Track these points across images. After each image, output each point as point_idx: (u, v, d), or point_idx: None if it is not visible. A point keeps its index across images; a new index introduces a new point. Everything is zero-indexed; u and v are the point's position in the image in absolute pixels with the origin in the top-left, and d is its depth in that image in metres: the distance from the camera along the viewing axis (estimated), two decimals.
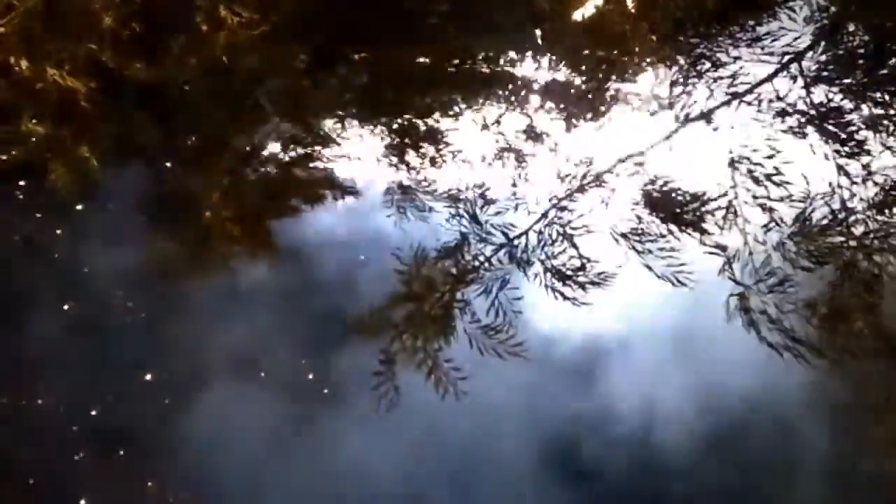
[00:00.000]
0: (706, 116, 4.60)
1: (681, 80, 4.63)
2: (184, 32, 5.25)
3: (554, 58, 5.10)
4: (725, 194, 4.57)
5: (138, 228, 5.67)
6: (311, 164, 5.45)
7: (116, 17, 4.63)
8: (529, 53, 5.29)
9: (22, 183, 7.25)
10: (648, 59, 4.67)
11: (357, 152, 5.47)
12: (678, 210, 4.70)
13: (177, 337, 7.73)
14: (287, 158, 5.41)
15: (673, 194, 4.73)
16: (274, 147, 5.45)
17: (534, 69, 5.32)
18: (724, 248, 4.54)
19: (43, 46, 4.31)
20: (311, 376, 7.95)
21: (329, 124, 5.46)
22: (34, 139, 4.57)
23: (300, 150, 5.47)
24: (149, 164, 5.52)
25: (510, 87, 5.32)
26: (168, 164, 5.64)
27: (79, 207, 7.33)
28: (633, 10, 4.82)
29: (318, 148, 5.46)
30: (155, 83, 5.12)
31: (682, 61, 4.62)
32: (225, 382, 7.94)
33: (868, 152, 4.44)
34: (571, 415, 7.62)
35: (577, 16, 5.12)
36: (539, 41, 5.26)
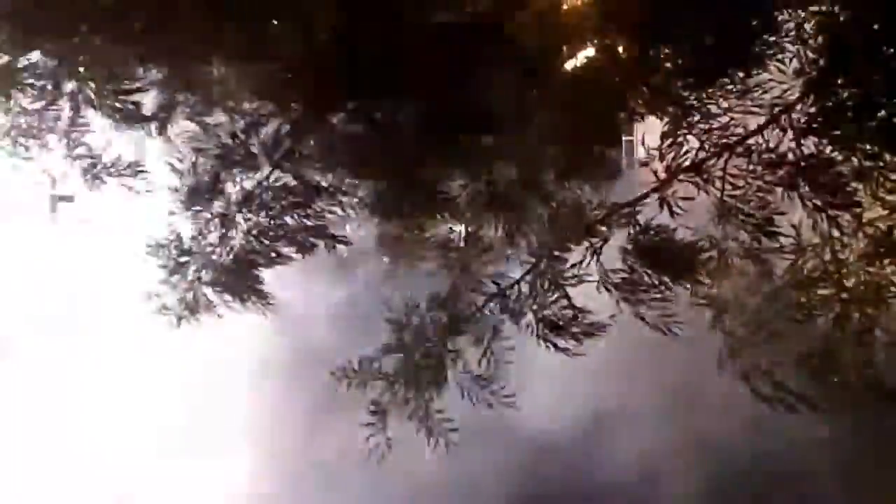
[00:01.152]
0: (697, 167, 4.62)
1: (672, 130, 4.66)
2: None
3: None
4: (717, 245, 4.59)
5: None
6: (303, 213, 5.44)
7: None
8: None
9: None
10: (640, 111, 4.69)
11: (348, 201, 5.47)
12: (670, 260, 4.71)
13: None
14: (279, 206, 5.40)
15: (664, 245, 4.75)
16: (266, 195, 5.44)
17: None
18: (715, 300, 4.55)
19: None
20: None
21: (320, 173, 5.47)
22: None
23: (291, 199, 5.47)
24: None
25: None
26: None
27: None
28: (624, 62, 4.85)
29: (309, 196, 5.46)
30: None
31: (673, 112, 4.65)
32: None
33: (859, 203, 4.46)
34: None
35: (568, 67, 5.15)
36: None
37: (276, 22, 5.17)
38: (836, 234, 4.47)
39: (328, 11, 5.01)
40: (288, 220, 5.45)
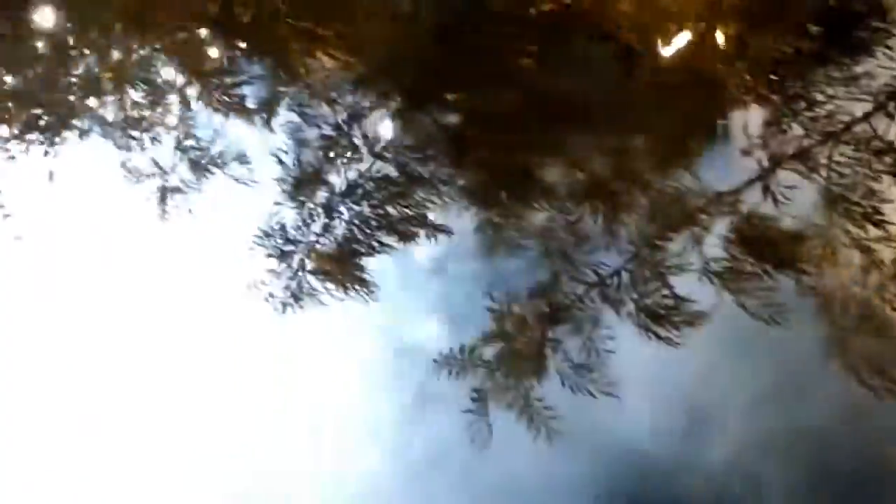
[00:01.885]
0: (802, 155, 4.57)
1: (775, 118, 4.61)
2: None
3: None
4: (822, 234, 4.54)
5: None
6: (404, 203, 5.52)
7: None
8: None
9: None
10: (742, 98, 4.65)
11: (448, 191, 5.53)
12: (773, 249, 4.67)
13: None
14: (381, 196, 5.49)
15: (768, 233, 4.71)
16: (368, 185, 5.54)
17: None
18: (821, 289, 4.50)
19: None
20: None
21: (421, 163, 5.54)
22: None
23: (392, 189, 5.55)
24: None
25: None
26: None
27: None
28: (724, 48, 4.81)
29: (410, 186, 5.53)
30: None
31: (776, 100, 4.60)
32: None
33: None
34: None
35: (667, 53, 5.11)
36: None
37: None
38: None
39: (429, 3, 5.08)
40: (389, 209, 5.52)
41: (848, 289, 4.52)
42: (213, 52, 5.35)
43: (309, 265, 5.58)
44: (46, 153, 5.11)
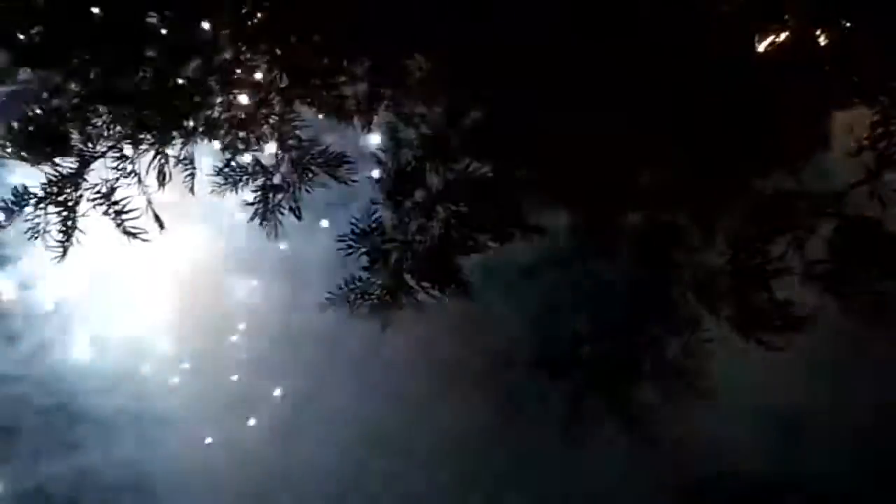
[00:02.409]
0: None
1: (883, 120, 4.52)
2: None
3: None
4: None
5: None
6: (500, 203, 5.53)
7: None
8: None
9: None
10: (849, 99, 4.57)
11: (540, 192, 5.53)
12: (879, 253, 4.58)
13: None
14: (477, 196, 5.51)
15: (873, 236, 4.62)
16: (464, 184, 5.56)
17: None
18: None
19: None
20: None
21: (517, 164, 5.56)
22: None
23: (488, 189, 5.57)
24: None
25: None
26: None
27: None
28: (832, 50, 4.73)
29: (505, 186, 5.55)
30: None
31: (884, 100, 4.51)
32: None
33: None
34: None
35: (772, 54, 5.04)
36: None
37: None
38: None
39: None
40: (485, 209, 5.54)
41: None
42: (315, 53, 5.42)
43: (406, 264, 5.63)
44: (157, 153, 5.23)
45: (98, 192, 5.16)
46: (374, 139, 5.69)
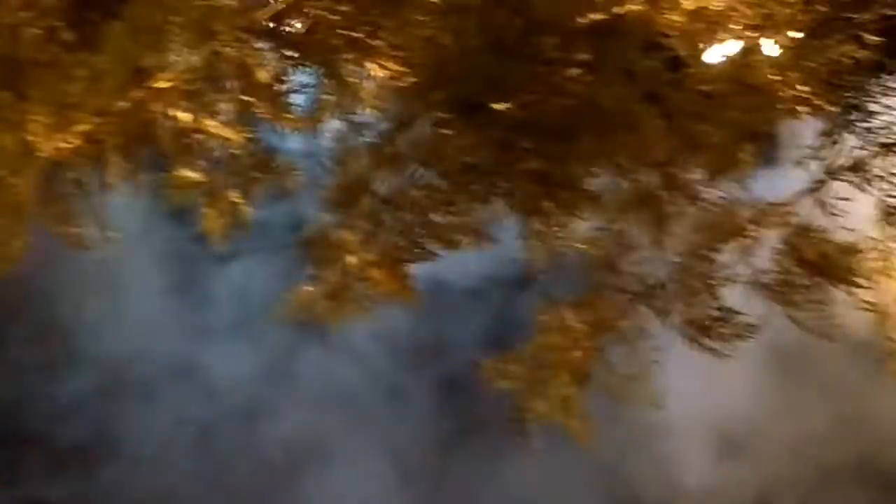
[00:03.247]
0: (857, 167, 4.50)
1: (830, 129, 4.55)
2: None
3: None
4: (878, 248, 4.47)
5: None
6: (448, 210, 5.49)
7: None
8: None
9: None
10: (796, 108, 4.59)
11: (494, 199, 5.49)
12: (827, 262, 4.60)
13: None
14: (425, 204, 5.46)
15: (821, 246, 4.64)
16: (412, 192, 5.50)
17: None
18: (877, 305, 4.43)
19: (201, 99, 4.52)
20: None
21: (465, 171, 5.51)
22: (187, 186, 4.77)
23: (437, 197, 5.52)
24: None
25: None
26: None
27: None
28: (778, 58, 4.74)
29: (455, 194, 5.50)
30: None
31: (831, 111, 4.54)
32: None
33: None
34: None
35: (718, 62, 5.05)
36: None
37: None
38: None
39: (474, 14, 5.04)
40: (434, 217, 5.49)
41: None
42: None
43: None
44: None
45: None
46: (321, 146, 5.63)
